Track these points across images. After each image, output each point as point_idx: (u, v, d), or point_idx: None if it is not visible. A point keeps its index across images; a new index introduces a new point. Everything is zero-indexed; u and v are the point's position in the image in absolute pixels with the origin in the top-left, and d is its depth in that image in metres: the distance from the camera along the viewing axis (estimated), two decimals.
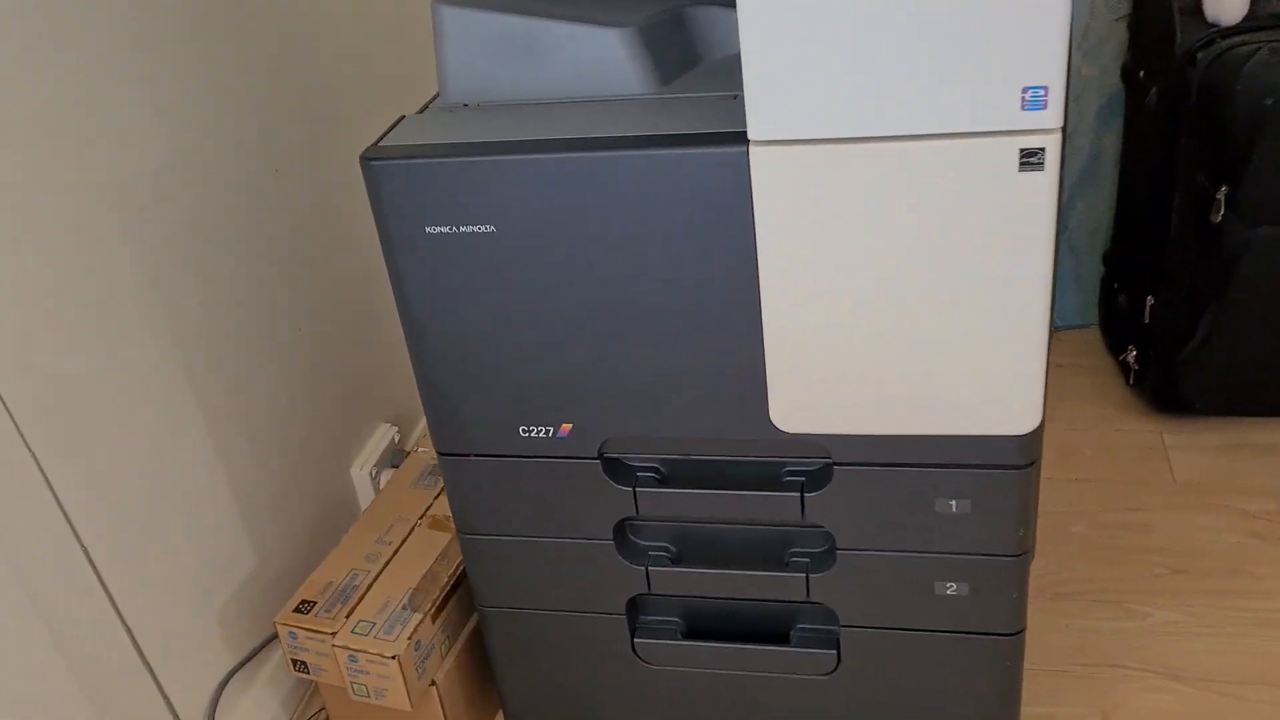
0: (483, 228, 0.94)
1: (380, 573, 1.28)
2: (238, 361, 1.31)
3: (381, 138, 0.97)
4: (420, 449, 1.51)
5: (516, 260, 0.95)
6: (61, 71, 1.05)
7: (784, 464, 1.04)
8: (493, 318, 0.98)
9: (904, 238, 0.87)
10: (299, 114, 1.42)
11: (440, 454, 1.09)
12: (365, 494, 1.60)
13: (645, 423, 1.02)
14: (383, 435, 1.65)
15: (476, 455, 1.07)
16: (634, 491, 1.06)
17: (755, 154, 0.86)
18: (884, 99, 0.82)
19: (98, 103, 1.10)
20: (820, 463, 1.02)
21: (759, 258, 0.90)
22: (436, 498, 1.39)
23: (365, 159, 0.93)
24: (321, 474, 1.50)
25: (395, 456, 1.65)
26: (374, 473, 1.60)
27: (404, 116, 1.02)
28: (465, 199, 0.93)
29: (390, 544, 1.32)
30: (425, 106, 1.05)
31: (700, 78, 1.02)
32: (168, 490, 1.22)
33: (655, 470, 1.07)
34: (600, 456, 1.05)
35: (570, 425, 1.03)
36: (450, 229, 0.94)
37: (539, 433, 1.04)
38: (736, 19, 1.06)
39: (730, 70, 1.02)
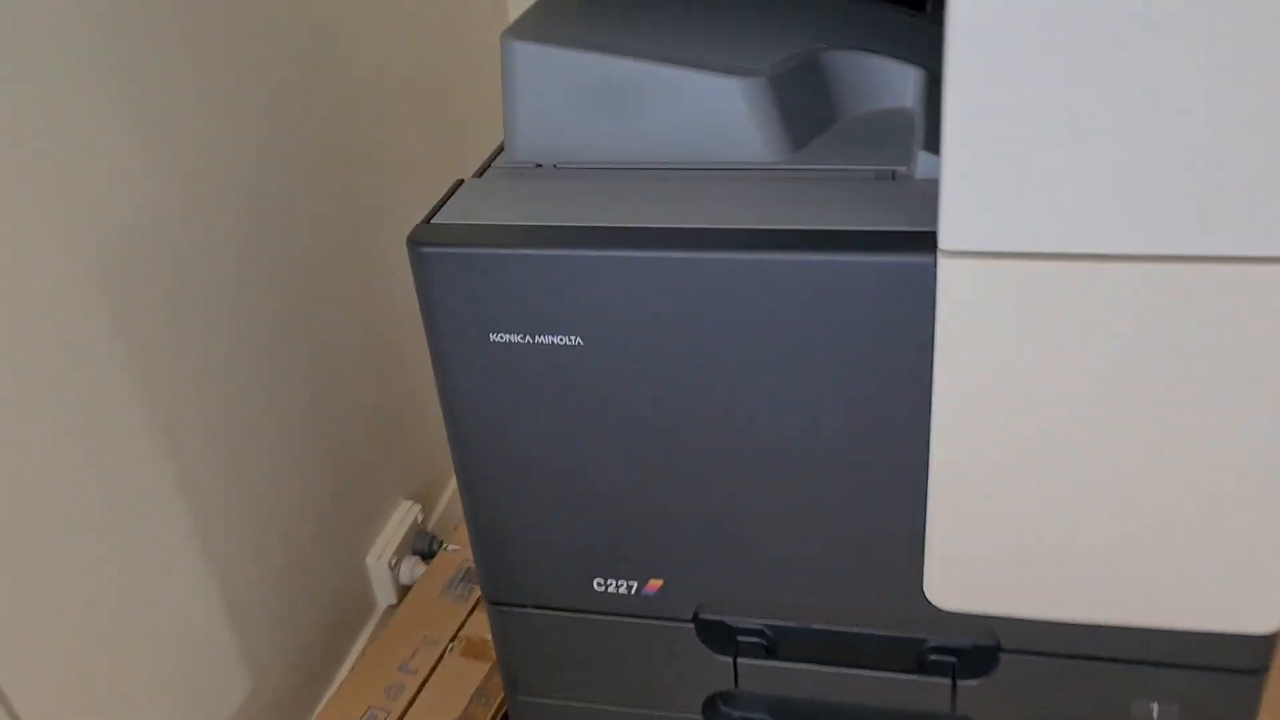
0: (566, 339, 0.72)
1: (404, 714, 1.06)
2: (238, 442, 1.09)
3: (434, 212, 0.75)
4: (450, 546, 1.28)
5: (608, 381, 0.73)
6: (19, 92, 0.83)
7: (928, 638, 0.82)
8: (572, 449, 0.76)
9: (1141, 383, 0.64)
10: (317, 147, 1.20)
11: (490, 602, 0.87)
12: (384, 588, 1.38)
13: (757, 584, 0.80)
14: (403, 515, 1.43)
15: (536, 608, 0.85)
16: (734, 662, 0.84)
17: (947, 267, 0.63)
18: (1139, 206, 0.59)
19: (64, 130, 0.87)
20: (980, 643, 0.80)
21: (935, 395, 0.68)
22: (471, 613, 1.17)
23: (415, 244, 0.71)
24: (332, 567, 1.28)
25: (419, 540, 1.43)
26: (394, 561, 1.38)
27: (461, 181, 0.79)
28: (545, 302, 0.71)
29: (416, 673, 1.10)
30: (487, 164, 0.83)
31: (839, 144, 0.80)
32: (139, 605, 1.00)
33: (761, 635, 0.85)
34: (695, 619, 0.83)
35: (661, 582, 0.81)
36: (523, 338, 0.72)
37: (619, 588, 0.82)
38: (882, 67, 0.84)
39: (874, 133, 0.81)
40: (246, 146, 1.07)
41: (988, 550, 0.73)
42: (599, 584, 0.82)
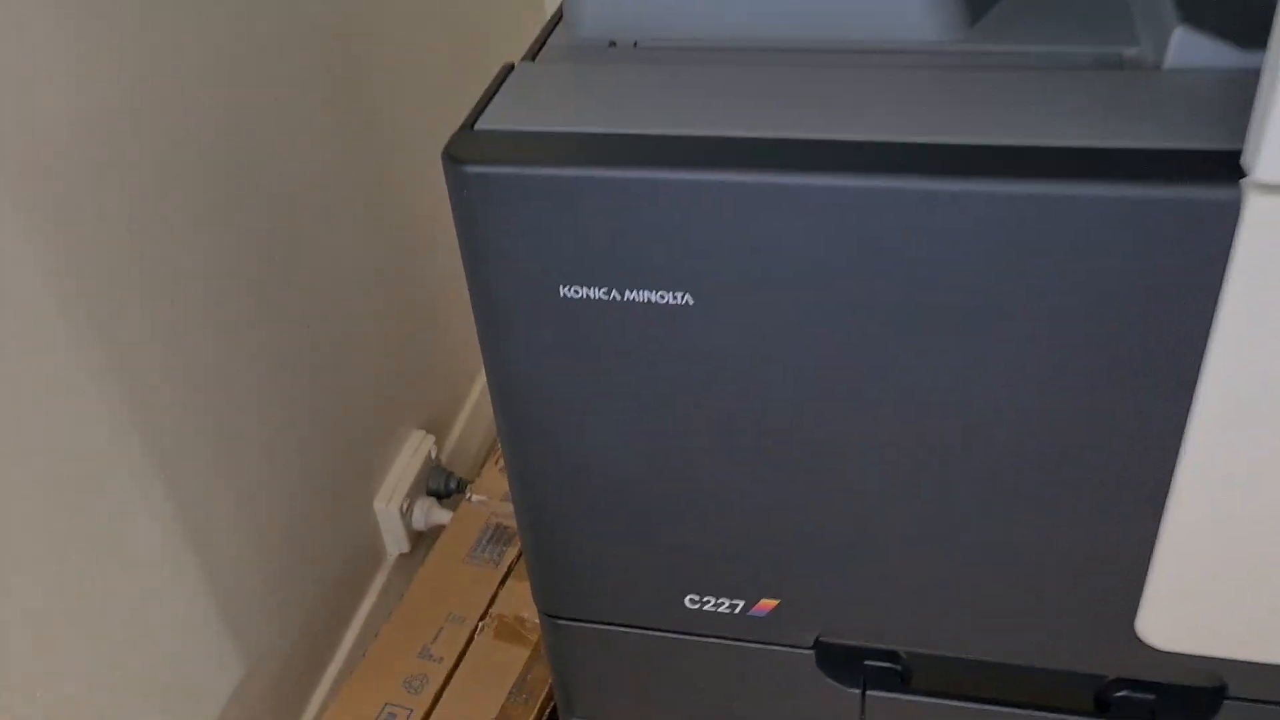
0: (669, 296, 0.51)
1: (429, 714, 0.88)
2: (214, 373, 0.89)
3: (478, 112, 0.53)
4: (476, 498, 1.09)
5: (726, 354, 0.52)
6: None
7: (1107, 673, 0.64)
8: (668, 438, 0.56)
9: None
10: (308, 31, 0.97)
11: (547, 615, 0.68)
12: (394, 536, 1.19)
13: (901, 609, 0.61)
14: (415, 449, 1.24)
15: (608, 625, 0.67)
16: (863, 695, 0.66)
17: (1263, 208, 0.43)
18: None
19: None
20: (1192, 686, 0.62)
21: (1204, 381, 0.48)
22: (503, 583, 0.98)
23: (454, 160, 0.50)
24: (335, 516, 1.10)
25: (433, 478, 1.24)
26: (405, 506, 1.19)
27: (511, 67, 0.58)
28: (642, 245, 0.50)
29: (440, 661, 0.92)
30: (542, 41, 0.61)
31: (1024, 15, 0.58)
32: (104, 575, 0.81)
33: (894, 660, 0.66)
34: (816, 645, 0.64)
35: (776, 602, 0.62)
36: (607, 294, 0.52)
37: (720, 606, 0.63)
38: None
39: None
40: (221, 33, 0.84)
41: (1237, 584, 0.54)
42: (692, 601, 0.63)
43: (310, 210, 0.99)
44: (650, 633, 0.66)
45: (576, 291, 0.52)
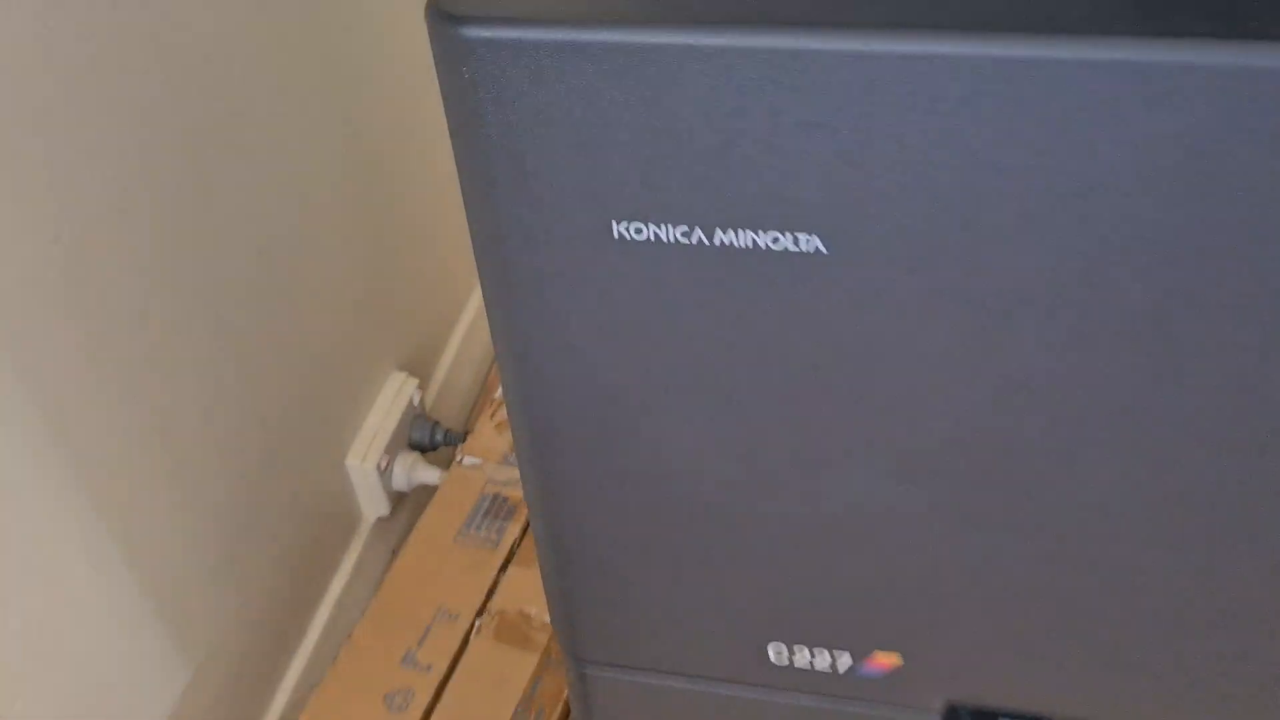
0: (789, 240, 0.33)
1: None
2: (130, 323, 0.71)
3: None
4: (467, 459, 0.92)
5: (869, 322, 0.34)
6: None
7: None
8: (767, 438, 0.38)
9: None
10: None
11: (575, 659, 0.50)
12: (371, 497, 1.02)
13: (1067, 667, 0.44)
14: (394, 393, 1.06)
15: (658, 676, 0.49)
16: None
17: None
18: None
19: None
20: None
21: None
22: (504, 569, 0.81)
23: (447, 19, 0.31)
24: (297, 478, 0.92)
25: (417, 429, 1.07)
26: (384, 462, 1.02)
27: None
28: (749, 159, 0.31)
29: (429, 669, 0.75)
30: None
31: None
32: (6, 595, 0.64)
33: None
34: (946, 712, 0.48)
35: (895, 657, 0.45)
36: (686, 235, 0.33)
37: (815, 661, 0.46)
38: None
39: None
40: None
41: None
42: (779, 653, 0.46)
43: (249, 82, 0.79)
44: (716, 688, 0.49)
45: (640, 230, 0.33)
